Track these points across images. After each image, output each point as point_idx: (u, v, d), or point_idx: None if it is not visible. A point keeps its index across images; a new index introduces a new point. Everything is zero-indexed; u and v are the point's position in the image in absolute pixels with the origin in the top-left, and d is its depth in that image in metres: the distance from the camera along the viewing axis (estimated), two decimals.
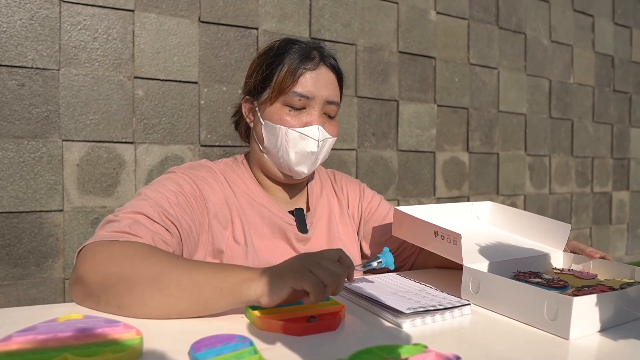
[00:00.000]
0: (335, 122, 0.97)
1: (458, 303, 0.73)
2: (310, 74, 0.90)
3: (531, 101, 2.24)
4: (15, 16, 1.22)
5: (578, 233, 2.43)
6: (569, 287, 0.79)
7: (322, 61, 0.93)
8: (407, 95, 1.86)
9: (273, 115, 0.91)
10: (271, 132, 0.91)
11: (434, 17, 1.92)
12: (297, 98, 0.89)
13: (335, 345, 0.59)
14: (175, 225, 0.79)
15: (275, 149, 0.91)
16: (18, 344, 0.51)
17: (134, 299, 0.65)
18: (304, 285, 0.60)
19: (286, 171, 0.93)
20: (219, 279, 0.64)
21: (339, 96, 0.97)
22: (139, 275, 0.65)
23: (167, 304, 0.64)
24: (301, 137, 0.90)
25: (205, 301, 0.64)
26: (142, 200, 0.80)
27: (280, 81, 0.90)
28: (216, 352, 0.52)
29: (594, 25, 2.47)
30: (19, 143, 1.23)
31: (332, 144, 0.97)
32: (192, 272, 0.65)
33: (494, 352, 0.59)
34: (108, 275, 0.66)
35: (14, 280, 1.23)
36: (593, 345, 0.62)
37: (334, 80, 0.94)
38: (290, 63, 0.91)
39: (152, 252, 0.69)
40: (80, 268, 0.69)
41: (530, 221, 1.01)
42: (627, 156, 2.65)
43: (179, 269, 0.66)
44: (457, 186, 2.01)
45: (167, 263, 0.66)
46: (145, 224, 0.75)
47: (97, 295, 0.67)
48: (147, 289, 0.64)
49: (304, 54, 0.92)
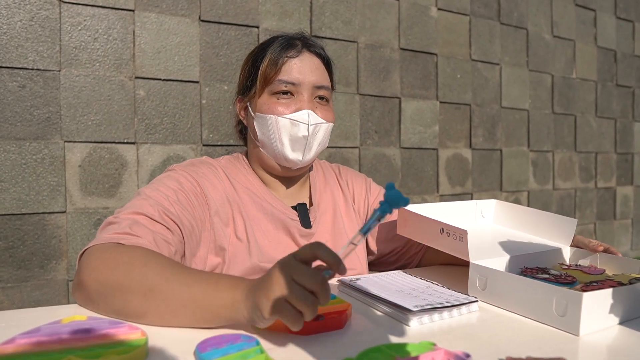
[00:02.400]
0: (330, 107, 0.95)
1: (465, 300, 0.72)
2: (294, 60, 0.90)
3: (534, 97, 2.23)
4: (15, 17, 1.21)
5: (582, 229, 2.41)
6: (577, 283, 0.78)
7: (305, 47, 0.93)
8: (409, 92, 1.85)
9: (262, 106, 0.91)
10: (263, 123, 0.91)
11: (435, 14, 1.91)
12: (282, 85, 0.89)
13: (342, 344, 0.59)
14: (177, 224, 0.78)
15: (269, 140, 0.91)
16: (22, 346, 0.51)
17: (129, 309, 0.64)
18: (282, 319, 0.55)
19: (282, 162, 0.92)
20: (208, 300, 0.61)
21: (328, 80, 0.96)
22: (131, 287, 0.63)
23: (160, 320, 0.63)
24: (292, 123, 0.89)
25: (196, 321, 0.62)
26: (142, 199, 0.79)
27: (264, 71, 0.90)
28: (222, 352, 0.51)
29: (596, 20, 2.45)
30: (21, 145, 1.22)
31: (329, 130, 0.95)
32: (182, 291, 0.62)
33: (503, 348, 0.58)
34: (103, 283, 0.65)
35: (18, 282, 1.23)
36: (603, 341, 0.62)
37: (320, 65, 0.94)
38: (272, 53, 0.91)
39: (148, 259, 0.66)
40: (80, 273, 0.68)
41: (536, 217, 1.00)
42: (630, 151, 2.64)
43: (170, 285, 0.62)
44: (461, 183, 2.00)
45: (159, 278, 0.63)
46: (146, 224, 0.74)
47: (95, 301, 0.67)
48: (140, 302, 0.63)
49: (286, 43, 0.92)
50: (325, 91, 0.93)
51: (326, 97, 0.94)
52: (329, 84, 0.95)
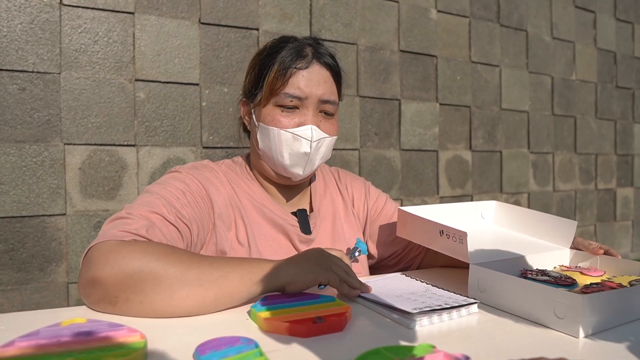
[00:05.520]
0: (334, 120, 0.93)
1: (465, 302, 0.72)
2: (302, 72, 0.87)
3: (534, 98, 2.23)
4: (15, 20, 1.21)
5: (583, 230, 2.41)
6: (577, 285, 0.78)
7: (315, 58, 0.89)
8: (409, 94, 1.85)
9: (266, 117, 0.89)
10: (265, 134, 0.89)
11: (435, 16, 1.91)
12: (288, 99, 0.87)
13: (342, 347, 0.58)
14: (188, 227, 0.79)
15: (270, 152, 0.89)
16: (21, 349, 0.51)
17: (160, 294, 0.64)
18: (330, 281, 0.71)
19: (282, 173, 0.91)
20: (245, 269, 0.68)
21: (336, 94, 0.93)
22: (166, 270, 0.64)
23: (194, 296, 0.65)
24: (294, 138, 0.87)
25: (233, 291, 0.67)
26: (155, 198, 0.77)
27: (271, 82, 0.87)
28: (221, 355, 0.51)
29: (596, 21, 2.46)
30: (21, 147, 1.22)
31: (332, 143, 0.94)
32: (219, 264, 0.68)
33: (502, 351, 0.58)
34: (130, 273, 0.63)
35: (18, 285, 1.23)
36: (603, 343, 0.62)
37: (328, 78, 0.90)
38: (280, 62, 0.88)
39: (175, 248, 0.69)
40: (96, 268, 0.65)
41: (536, 219, 1.00)
42: (630, 152, 2.64)
43: (205, 262, 0.67)
44: (461, 185, 2.00)
45: (193, 258, 0.68)
46: (160, 227, 0.74)
47: (114, 295, 0.64)
48: (175, 282, 0.64)
49: (296, 51, 0.88)
50: (331, 106, 0.91)
51: (331, 113, 0.92)
52: (336, 98, 0.93)
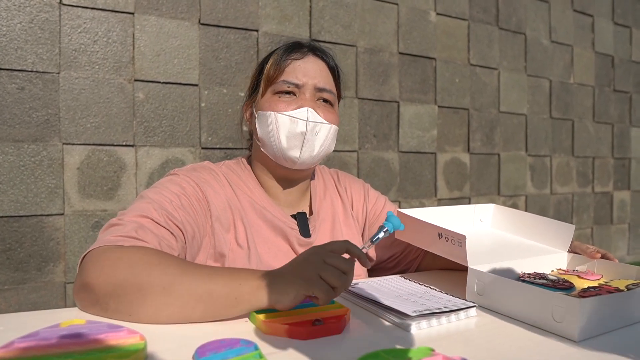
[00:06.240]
0: (334, 110, 0.95)
1: (463, 305, 0.72)
2: (298, 62, 0.92)
3: (532, 102, 2.23)
4: (15, 19, 1.21)
5: (579, 233, 2.42)
6: (574, 289, 0.79)
7: (311, 51, 0.94)
8: (408, 96, 1.85)
9: (264, 104, 0.92)
10: (263, 120, 0.91)
11: (434, 18, 1.92)
12: (285, 86, 0.90)
13: (341, 349, 0.59)
14: (180, 230, 0.78)
15: (268, 137, 0.91)
16: (20, 350, 0.51)
17: (147, 308, 0.63)
18: (315, 293, 0.63)
19: (281, 160, 0.91)
20: (231, 287, 0.64)
21: (333, 85, 0.96)
22: (151, 284, 0.63)
23: (181, 314, 0.63)
24: (291, 120, 0.89)
25: (219, 309, 0.64)
26: (146, 203, 0.78)
27: (268, 71, 0.92)
28: (220, 357, 0.52)
29: (594, 25, 2.47)
30: (19, 147, 1.22)
31: (333, 134, 0.94)
32: (205, 281, 0.64)
33: (501, 354, 0.59)
34: (117, 283, 0.64)
35: (15, 284, 1.22)
36: (601, 346, 0.62)
37: (324, 69, 0.94)
38: (277, 55, 0.93)
39: (162, 258, 0.67)
40: (87, 275, 0.66)
41: (534, 222, 1.01)
42: (627, 156, 2.65)
43: (191, 277, 0.64)
44: (459, 187, 2.00)
45: (179, 270, 0.65)
46: (151, 229, 0.74)
47: (104, 302, 0.65)
48: (161, 298, 0.63)
49: (293, 46, 0.94)
50: (328, 94, 0.93)
51: (330, 101, 0.94)
52: (333, 89, 0.95)
